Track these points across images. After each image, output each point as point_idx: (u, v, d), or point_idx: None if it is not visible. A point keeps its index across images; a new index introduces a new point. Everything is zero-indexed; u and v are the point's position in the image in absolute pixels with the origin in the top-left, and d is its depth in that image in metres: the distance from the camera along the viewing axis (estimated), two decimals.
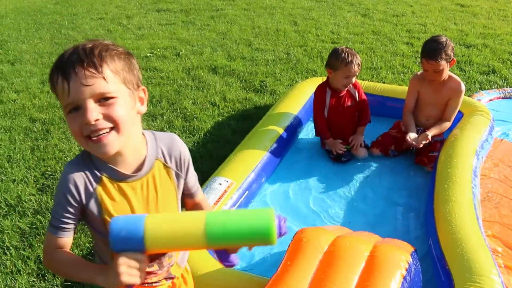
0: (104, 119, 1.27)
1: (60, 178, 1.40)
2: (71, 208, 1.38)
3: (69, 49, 1.31)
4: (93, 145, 1.30)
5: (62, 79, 1.26)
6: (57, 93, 1.30)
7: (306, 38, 6.58)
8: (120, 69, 1.32)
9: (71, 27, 7.47)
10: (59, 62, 1.29)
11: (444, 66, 3.35)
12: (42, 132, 4.17)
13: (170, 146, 1.50)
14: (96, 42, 1.32)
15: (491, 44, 6.20)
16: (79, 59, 1.25)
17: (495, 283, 2.06)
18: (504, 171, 3.45)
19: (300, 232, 2.11)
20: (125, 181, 1.41)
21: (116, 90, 1.29)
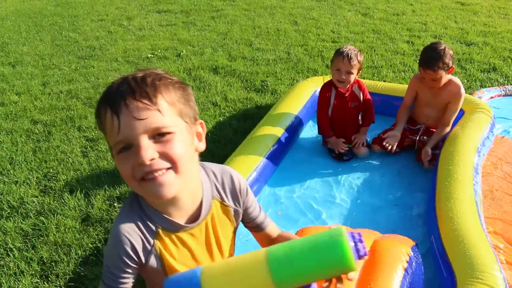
0: (160, 157, 1.11)
1: (113, 235, 1.23)
2: (128, 269, 1.25)
3: (118, 79, 1.17)
4: (148, 187, 1.13)
5: (111, 113, 1.10)
6: (105, 130, 1.14)
7: (307, 38, 6.59)
8: (176, 100, 1.16)
9: (71, 28, 7.49)
10: (107, 94, 1.14)
11: (442, 74, 3.32)
12: (44, 134, 4.18)
13: (223, 179, 1.36)
14: (148, 71, 1.18)
15: (491, 42, 6.20)
16: (130, 89, 1.10)
17: (497, 279, 2.07)
18: (506, 168, 3.45)
19: (301, 232, 2.12)
20: (183, 230, 1.28)
21: (173, 124, 1.13)
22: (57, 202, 3.24)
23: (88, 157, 3.78)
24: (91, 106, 4.69)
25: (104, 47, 6.51)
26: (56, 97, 4.94)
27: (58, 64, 5.91)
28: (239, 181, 1.39)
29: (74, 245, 2.83)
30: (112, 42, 6.72)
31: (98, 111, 1.15)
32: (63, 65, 5.89)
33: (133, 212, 1.26)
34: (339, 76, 3.46)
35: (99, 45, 6.60)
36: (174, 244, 1.27)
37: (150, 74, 1.16)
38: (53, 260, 2.73)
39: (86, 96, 4.93)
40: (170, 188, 1.14)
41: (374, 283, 1.79)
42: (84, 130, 4.21)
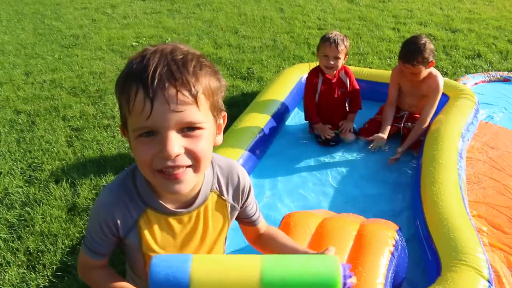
0: (185, 154, 1.05)
1: (96, 204, 1.23)
2: (106, 238, 1.25)
3: (151, 52, 1.04)
4: (163, 181, 1.08)
5: (144, 96, 0.99)
6: (130, 110, 1.02)
7: (293, 25, 6.57)
8: (213, 93, 1.08)
9: (54, 17, 7.37)
10: (141, 71, 1.01)
11: (421, 69, 3.32)
12: (28, 124, 4.13)
13: (229, 175, 1.32)
14: (185, 51, 1.06)
15: (476, 28, 6.24)
16: (171, 75, 0.99)
17: (480, 261, 2.10)
18: (489, 153, 3.50)
19: (288, 217, 2.13)
20: (173, 215, 1.24)
21: (205, 120, 1.06)
22: (43, 192, 3.21)
23: (73, 146, 3.74)
24: (76, 96, 4.64)
25: (88, 36, 6.42)
26: (40, 86, 4.87)
27: (41, 53, 5.82)
28: (244, 181, 1.35)
29: (61, 235, 2.81)
30: (96, 31, 6.63)
31: (127, 88, 1.02)
32: (46, 54, 5.80)
33: (125, 186, 1.23)
34: (327, 62, 3.46)
35: (83, 34, 6.51)
36: (160, 226, 1.24)
37: (192, 58, 1.05)
38: (39, 250, 2.71)
39: (70, 85, 4.87)
40: (186, 186, 1.10)
41: (362, 266, 1.82)
42: (69, 120, 4.16)
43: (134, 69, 1.03)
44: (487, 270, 2.08)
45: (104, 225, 1.23)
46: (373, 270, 1.80)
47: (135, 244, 1.26)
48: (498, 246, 2.64)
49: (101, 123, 4.07)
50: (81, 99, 4.55)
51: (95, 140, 3.81)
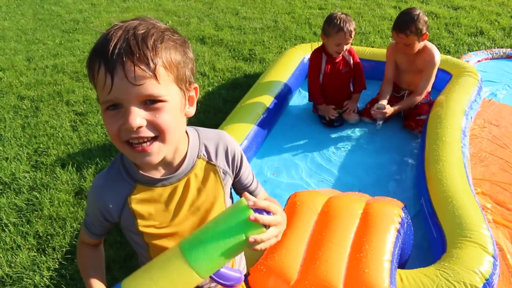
0: (147, 126, 1.08)
1: (89, 190, 1.29)
2: (99, 221, 1.32)
3: (116, 29, 1.07)
4: (132, 153, 1.12)
5: (105, 71, 1.03)
6: (96, 84, 1.08)
7: (293, 5, 6.52)
8: (175, 66, 1.10)
9: (53, 2, 7.32)
10: (103, 47, 1.04)
11: (414, 40, 3.31)
12: (32, 110, 4.14)
13: (217, 142, 1.33)
14: (150, 26, 1.10)
15: (478, 5, 6.18)
16: (129, 51, 1.03)
17: (485, 237, 2.13)
18: (493, 130, 3.51)
19: (294, 196, 2.14)
20: (161, 184, 1.25)
21: (167, 92, 1.08)
22: (49, 176, 3.23)
23: (78, 131, 3.76)
24: (78, 80, 4.64)
25: (88, 20, 6.39)
26: (42, 72, 4.86)
27: (42, 39, 5.80)
28: (234, 147, 1.36)
29: (69, 218, 2.85)
30: (96, 15, 6.59)
31: (91, 63, 1.07)
32: (47, 39, 5.78)
33: (113, 167, 1.27)
34: (339, 49, 3.47)
35: (83, 18, 6.47)
36: (150, 199, 1.26)
37: (153, 32, 1.08)
38: (48, 233, 2.75)
39: (72, 70, 4.87)
40: (155, 157, 1.13)
41: (368, 244, 1.84)
42: (73, 105, 4.17)
43: (97, 45, 1.07)
44: (492, 246, 2.11)
45: (97, 210, 1.28)
46: (380, 247, 1.82)
47: (131, 225, 1.28)
48: (502, 223, 2.67)
49: None
50: (84, 84, 4.55)
51: (99, 124, 3.82)
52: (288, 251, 1.85)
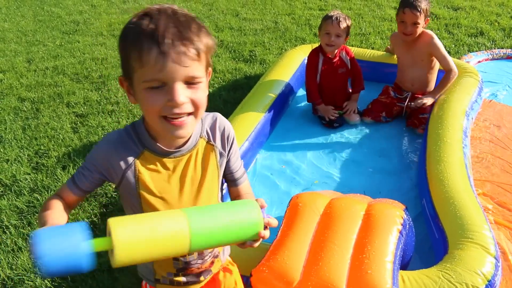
0: (189, 103, 1.21)
1: (100, 142, 1.35)
2: (97, 175, 1.34)
3: (155, 13, 1.17)
4: (170, 127, 1.22)
5: (158, 53, 1.13)
6: (143, 62, 1.15)
7: (294, 6, 6.52)
8: (209, 49, 1.23)
9: (53, 3, 7.32)
10: (152, 30, 1.13)
11: (421, 20, 3.38)
12: (32, 111, 4.14)
13: (214, 123, 1.44)
14: (183, 12, 1.21)
15: (478, 6, 6.19)
16: (180, 35, 1.14)
17: (487, 238, 2.13)
18: (494, 131, 3.51)
19: (296, 197, 2.14)
20: (167, 157, 1.34)
21: (203, 74, 1.23)
22: (50, 178, 3.23)
23: (79, 132, 3.76)
24: (79, 82, 4.64)
25: (88, 21, 6.39)
26: (42, 73, 4.86)
27: (42, 40, 5.79)
28: (229, 128, 1.48)
29: (70, 220, 2.84)
30: (96, 16, 6.59)
31: (141, 45, 1.15)
32: (47, 41, 5.78)
33: (126, 131, 1.35)
34: (329, 40, 3.47)
35: (83, 20, 6.48)
36: (155, 167, 1.35)
37: (191, 19, 1.20)
38: None
39: (72, 71, 4.87)
40: (187, 130, 1.26)
41: (371, 245, 1.84)
42: (73, 106, 4.17)
43: (144, 28, 1.15)
44: (493, 247, 2.11)
45: (101, 162, 1.33)
46: (382, 248, 1.82)
47: (131, 184, 1.34)
48: (504, 224, 2.67)
49: (105, 108, 4.08)
50: (84, 85, 4.55)
51: (100, 126, 3.82)
52: (291, 252, 1.85)
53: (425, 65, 3.55)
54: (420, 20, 3.36)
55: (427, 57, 3.52)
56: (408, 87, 3.69)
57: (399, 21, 3.48)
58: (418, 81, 3.62)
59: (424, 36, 3.48)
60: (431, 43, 3.45)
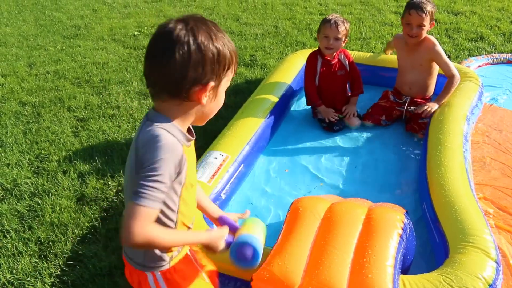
0: None
1: (166, 145, 1.31)
2: (173, 176, 1.36)
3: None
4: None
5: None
6: (232, 66, 1.46)
7: (294, 11, 6.54)
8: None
9: (55, 7, 7.35)
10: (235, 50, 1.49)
11: (426, 23, 3.39)
12: (33, 116, 4.14)
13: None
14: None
15: (478, 11, 6.21)
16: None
17: (487, 242, 2.13)
18: (494, 135, 3.51)
19: (297, 202, 2.14)
20: (190, 142, 1.48)
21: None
22: (51, 182, 3.23)
23: (80, 137, 3.76)
24: (80, 86, 4.65)
25: (89, 26, 6.41)
26: (43, 78, 4.88)
27: (43, 45, 5.81)
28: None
29: (71, 224, 2.85)
30: (97, 21, 6.62)
31: (231, 58, 1.43)
32: (49, 45, 5.80)
33: (172, 126, 1.40)
34: (327, 43, 3.49)
35: (84, 24, 6.50)
36: (188, 153, 1.44)
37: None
38: (50, 240, 2.75)
39: (74, 76, 4.88)
40: None
41: (371, 249, 1.84)
42: (74, 110, 4.18)
43: (229, 47, 1.44)
44: (494, 251, 2.10)
45: (175, 162, 1.34)
46: (383, 252, 1.82)
47: (183, 177, 1.42)
48: (505, 228, 2.67)
49: (106, 113, 4.09)
50: (85, 90, 4.56)
51: (101, 130, 3.83)
52: (291, 256, 1.85)
53: (424, 70, 3.56)
54: (425, 22, 3.37)
55: (426, 62, 3.53)
56: (406, 91, 3.69)
57: (405, 23, 3.48)
58: (416, 85, 3.62)
59: (427, 41, 3.49)
60: (434, 50, 3.46)
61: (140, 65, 5.05)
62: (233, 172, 2.90)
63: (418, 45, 3.50)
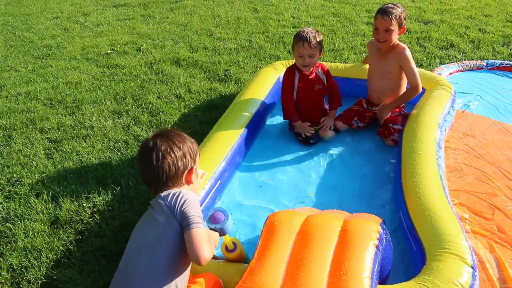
0: None
1: (194, 195, 2.02)
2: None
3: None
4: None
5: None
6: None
7: (267, 24, 6.58)
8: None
9: (25, 28, 7.26)
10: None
11: (395, 28, 3.40)
12: (4, 139, 4.05)
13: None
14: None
15: (448, 19, 6.34)
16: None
17: (463, 248, 2.14)
18: (467, 141, 3.56)
19: (272, 216, 2.13)
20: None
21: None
22: (24, 207, 3.16)
23: (53, 158, 3.69)
24: (52, 107, 4.58)
25: (61, 46, 6.34)
26: (14, 99, 4.79)
27: (14, 66, 5.72)
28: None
29: (45, 249, 2.78)
30: (70, 40, 6.55)
31: (196, 146, 2.15)
32: (19, 66, 5.71)
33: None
34: (303, 61, 3.49)
35: (56, 44, 6.43)
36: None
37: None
38: (23, 266, 2.67)
39: (46, 97, 4.80)
40: None
41: (348, 262, 1.83)
42: (47, 132, 4.10)
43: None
44: (470, 257, 2.11)
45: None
46: (359, 264, 1.82)
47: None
48: (480, 233, 2.69)
49: (80, 133, 4.03)
50: (58, 110, 4.49)
51: (74, 151, 3.77)
52: (268, 272, 1.83)
53: (392, 78, 3.58)
54: (392, 27, 3.39)
55: (395, 70, 3.55)
56: (376, 101, 3.73)
57: (374, 28, 3.51)
58: (384, 95, 3.66)
59: (398, 48, 3.52)
60: (403, 54, 3.48)
61: (114, 83, 5.00)
62: (209, 189, 2.87)
63: (389, 52, 3.54)
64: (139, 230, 1.99)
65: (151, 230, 1.90)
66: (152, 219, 1.92)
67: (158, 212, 1.91)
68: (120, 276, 1.91)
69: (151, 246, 1.86)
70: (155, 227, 1.88)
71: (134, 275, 1.84)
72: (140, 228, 2.00)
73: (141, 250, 1.87)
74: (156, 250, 1.85)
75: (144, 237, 1.92)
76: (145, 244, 1.88)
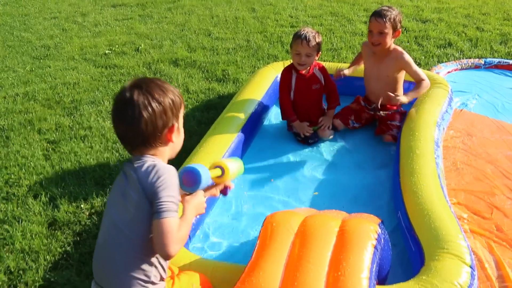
0: None
1: (169, 171, 1.70)
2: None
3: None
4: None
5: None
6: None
7: (265, 24, 6.58)
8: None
9: (23, 28, 7.24)
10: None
11: (389, 30, 3.38)
12: (2, 140, 4.04)
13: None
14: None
15: (446, 18, 6.34)
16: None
17: (462, 247, 2.14)
18: (465, 140, 3.56)
19: (270, 217, 2.12)
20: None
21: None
22: (21, 208, 3.15)
23: (51, 159, 3.68)
24: (50, 108, 4.57)
25: (59, 46, 6.33)
26: (12, 100, 4.78)
27: (12, 66, 5.71)
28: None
29: (42, 251, 2.77)
30: (68, 40, 6.54)
31: (180, 100, 1.81)
32: (17, 66, 5.70)
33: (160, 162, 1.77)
34: (300, 59, 3.49)
35: (54, 44, 6.41)
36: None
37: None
38: (20, 268, 2.66)
39: (44, 97, 4.79)
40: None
41: (346, 262, 1.83)
42: (45, 133, 4.09)
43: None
44: (469, 257, 2.11)
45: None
46: (357, 265, 1.81)
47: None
48: (479, 232, 2.69)
49: (78, 134, 4.02)
50: (56, 111, 4.48)
51: (72, 152, 3.76)
52: (266, 273, 1.82)
53: (390, 81, 3.56)
54: (386, 30, 3.36)
55: (393, 73, 3.54)
56: (374, 100, 3.72)
57: (368, 31, 3.50)
58: (382, 95, 3.65)
59: (395, 52, 3.50)
60: (403, 59, 3.46)
61: (112, 84, 4.99)
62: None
63: (386, 56, 3.52)
64: (113, 203, 1.80)
65: (124, 206, 1.72)
66: (125, 193, 1.72)
67: (130, 185, 1.70)
68: (100, 252, 1.82)
69: (127, 224, 1.72)
70: (129, 203, 1.70)
71: (113, 251, 1.73)
72: (114, 199, 1.80)
73: (117, 226, 1.74)
74: (132, 229, 1.71)
75: (118, 214, 1.75)
76: (121, 221, 1.73)
